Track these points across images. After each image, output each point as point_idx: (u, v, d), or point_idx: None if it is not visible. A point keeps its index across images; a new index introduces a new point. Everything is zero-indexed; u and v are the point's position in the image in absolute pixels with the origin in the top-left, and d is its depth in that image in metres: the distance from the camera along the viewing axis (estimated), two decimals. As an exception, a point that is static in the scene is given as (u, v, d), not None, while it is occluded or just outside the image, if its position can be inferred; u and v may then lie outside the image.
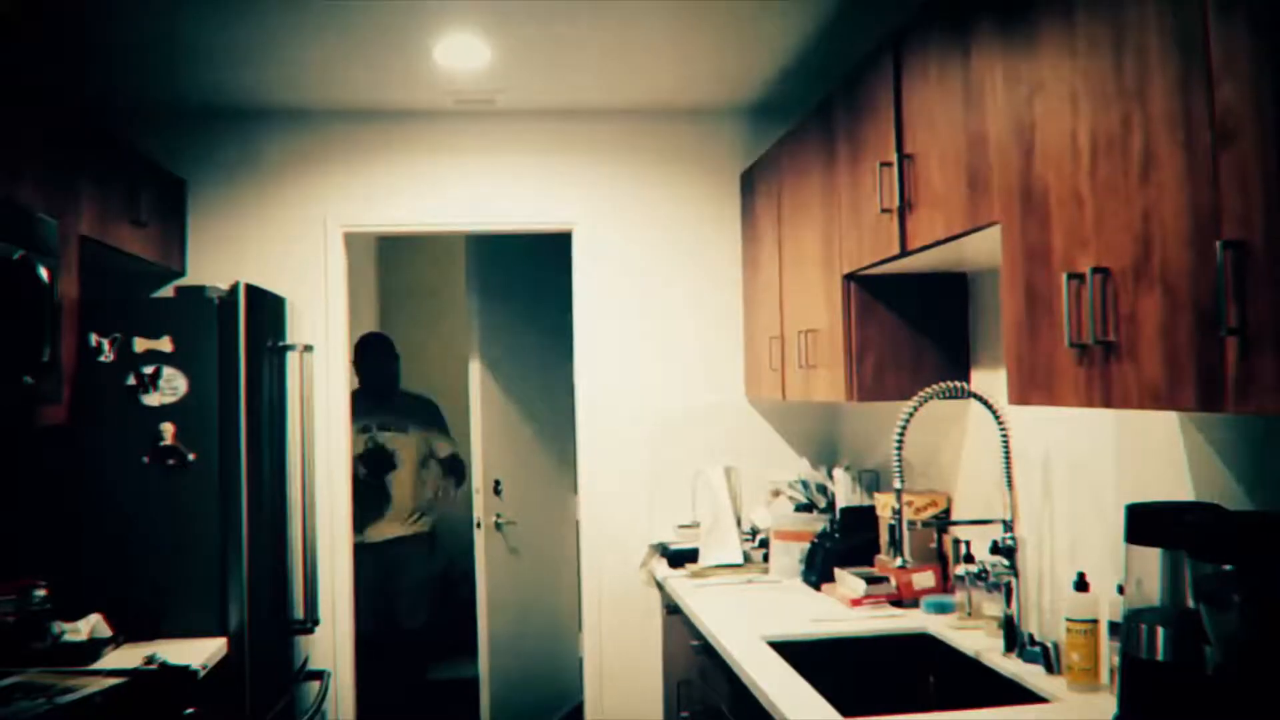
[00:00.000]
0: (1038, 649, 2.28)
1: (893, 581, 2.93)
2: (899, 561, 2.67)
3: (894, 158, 2.45)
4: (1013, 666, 2.31)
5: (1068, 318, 1.68)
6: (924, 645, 2.68)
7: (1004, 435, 2.52)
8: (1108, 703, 1.93)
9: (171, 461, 2.89)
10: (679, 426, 4.03)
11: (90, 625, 2.67)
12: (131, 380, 2.89)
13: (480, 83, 3.60)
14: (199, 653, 2.69)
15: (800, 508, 3.55)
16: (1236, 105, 1.30)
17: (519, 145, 4.02)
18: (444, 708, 5.11)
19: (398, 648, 4.74)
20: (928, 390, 2.53)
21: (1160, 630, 1.71)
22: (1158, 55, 1.47)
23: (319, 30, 3.06)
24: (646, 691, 3.96)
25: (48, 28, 2.95)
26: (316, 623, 3.55)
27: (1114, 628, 2.04)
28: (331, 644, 3.80)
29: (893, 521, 2.60)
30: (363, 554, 4.33)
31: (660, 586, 3.78)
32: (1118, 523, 1.83)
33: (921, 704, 2.59)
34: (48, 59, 3.22)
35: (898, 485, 2.49)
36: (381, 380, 4.84)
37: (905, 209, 2.42)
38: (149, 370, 2.90)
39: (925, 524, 2.95)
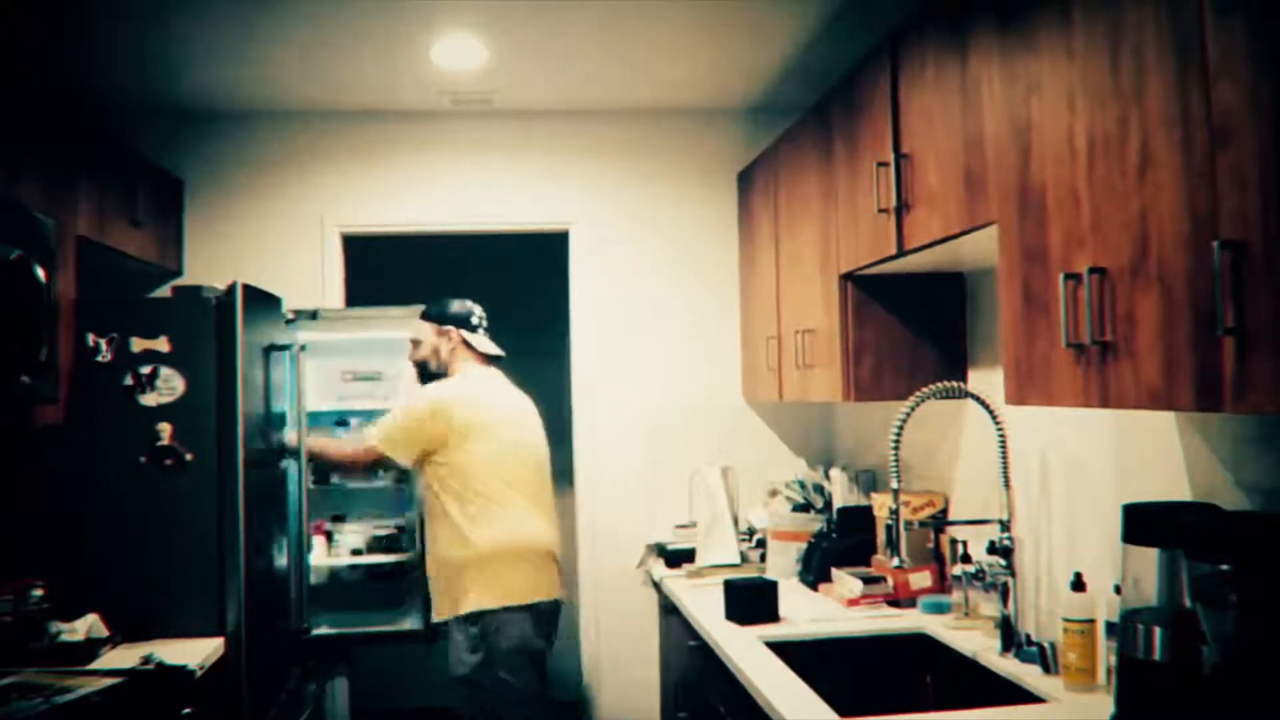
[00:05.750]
0: (1034, 649, 2.28)
1: (890, 581, 2.93)
2: (896, 561, 2.67)
3: (891, 157, 2.45)
4: (1009, 666, 2.31)
5: (1065, 318, 1.68)
6: (921, 645, 2.68)
7: (1001, 435, 2.52)
8: (1104, 703, 1.93)
9: (169, 461, 2.89)
10: (676, 426, 4.03)
11: (87, 625, 2.66)
12: (129, 380, 2.89)
13: (477, 83, 3.60)
14: (196, 653, 2.69)
15: (797, 508, 3.55)
16: (1234, 105, 1.30)
17: (516, 145, 4.02)
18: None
19: None
20: (925, 390, 2.53)
21: (1157, 630, 1.71)
22: (1155, 55, 1.47)
23: (317, 31, 3.06)
24: (644, 691, 3.95)
25: (46, 27, 2.95)
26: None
27: (1111, 628, 2.04)
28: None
29: (889, 521, 2.60)
30: None
31: (658, 586, 3.77)
32: (1115, 522, 1.83)
33: (918, 704, 2.58)
34: (46, 58, 3.21)
35: (895, 485, 2.49)
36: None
37: (902, 209, 2.42)
38: (146, 370, 2.89)
39: (922, 524, 2.95)
